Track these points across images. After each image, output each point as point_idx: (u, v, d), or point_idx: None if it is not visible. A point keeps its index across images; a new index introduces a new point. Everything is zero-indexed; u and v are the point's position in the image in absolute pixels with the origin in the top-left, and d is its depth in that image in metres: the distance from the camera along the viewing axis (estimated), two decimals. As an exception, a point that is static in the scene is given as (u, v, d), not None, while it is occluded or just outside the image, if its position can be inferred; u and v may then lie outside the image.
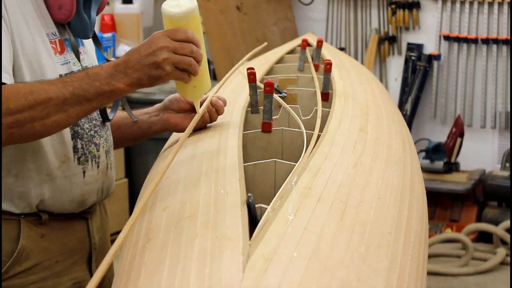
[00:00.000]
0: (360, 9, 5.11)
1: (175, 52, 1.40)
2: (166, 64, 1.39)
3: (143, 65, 1.40)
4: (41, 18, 1.58)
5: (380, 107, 1.99)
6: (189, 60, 1.41)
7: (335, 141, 1.51)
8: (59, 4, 1.59)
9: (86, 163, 1.63)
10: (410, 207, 1.36)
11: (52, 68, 1.55)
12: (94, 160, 1.64)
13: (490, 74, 4.74)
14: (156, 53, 1.39)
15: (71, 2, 1.59)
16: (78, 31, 1.64)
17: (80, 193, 1.63)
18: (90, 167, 1.64)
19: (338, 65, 2.34)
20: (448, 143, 4.54)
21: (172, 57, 1.39)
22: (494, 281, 3.72)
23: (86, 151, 1.62)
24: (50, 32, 1.59)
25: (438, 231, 4.36)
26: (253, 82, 1.73)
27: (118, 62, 1.41)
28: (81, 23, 1.63)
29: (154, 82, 1.41)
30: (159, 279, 1.02)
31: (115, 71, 1.40)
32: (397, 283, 1.05)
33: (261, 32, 4.97)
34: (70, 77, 1.41)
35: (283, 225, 1.05)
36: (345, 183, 1.29)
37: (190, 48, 1.41)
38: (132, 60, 1.41)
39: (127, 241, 1.31)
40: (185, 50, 1.40)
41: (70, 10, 1.59)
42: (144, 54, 1.40)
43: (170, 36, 1.41)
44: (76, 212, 1.66)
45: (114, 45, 4.49)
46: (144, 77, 1.40)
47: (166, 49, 1.40)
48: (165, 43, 1.40)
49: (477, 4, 4.69)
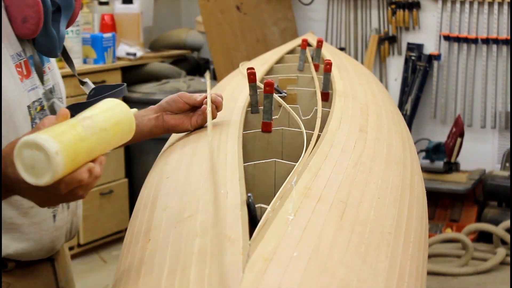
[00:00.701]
0: (360, 9, 5.11)
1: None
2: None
3: None
4: (4, 36, 1.32)
5: (380, 107, 1.99)
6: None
7: (335, 141, 1.51)
8: (23, 16, 1.32)
9: (56, 206, 1.43)
10: (410, 207, 1.36)
11: (19, 99, 1.32)
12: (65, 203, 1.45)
13: (490, 74, 4.74)
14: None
15: (38, 15, 1.33)
16: (44, 48, 1.40)
17: (50, 240, 1.44)
18: (61, 209, 1.45)
19: (338, 65, 2.34)
20: (448, 143, 4.53)
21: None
22: (494, 281, 3.72)
23: None
24: (15, 53, 1.34)
25: (438, 231, 4.36)
26: (253, 82, 1.73)
27: None
28: (48, 38, 1.39)
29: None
30: (159, 279, 1.02)
31: None
32: (397, 283, 1.05)
33: (261, 32, 4.97)
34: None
35: (283, 225, 1.05)
36: (345, 183, 1.29)
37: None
38: None
39: (127, 241, 1.31)
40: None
41: (36, 24, 1.33)
42: None
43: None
44: (43, 258, 1.48)
45: (114, 45, 4.49)
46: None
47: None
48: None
49: (477, 4, 4.69)
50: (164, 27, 5.39)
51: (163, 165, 1.55)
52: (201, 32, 5.06)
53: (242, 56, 4.59)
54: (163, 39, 5.16)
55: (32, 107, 1.36)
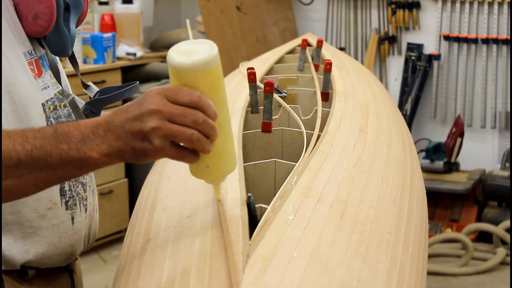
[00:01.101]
0: (360, 9, 5.11)
1: (171, 120, 1.00)
2: (154, 136, 1.00)
3: (126, 132, 1.01)
4: (15, 33, 1.29)
5: (380, 107, 1.98)
6: (191, 133, 1.01)
7: (335, 141, 1.51)
8: (35, 12, 1.28)
9: (74, 208, 1.38)
10: (410, 207, 1.36)
11: (33, 97, 1.29)
12: (82, 203, 1.40)
13: (490, 74, 4.74)
14: (144, 118, 1.00)
15: (50, 11, 1.29)
16: (55, 47, 1.36)
17: (70, 244, 1.39)
18: (79, 212, 1.39)
19: (338, 65, 2.34)
20: (448, 143, 4.53)
21: (164, 127, 1.00)
22: (494, 281, 3.72)
23: (74, 193, 1.37)
24: (26, 51, 1.31)
25: (438, 231, 4.35)
26: (253, 82, 1.73)
27: (100, 122, 1.03)
28: (59, 37, 1.35)
29: (140, 159, 1.03)
30: (159, 279, 1.02)
31: (93, 133, 1.02)
32: (397, 283, 1.05)
33: (261, 32, 4.97)
34: (33, 131, 1.05)
35: (283, 225, 1.05)
36: (345, 183, 1.29)
37: (193, 117, 1.01)
38: (116, 122, 1.02)
39: (127, 241, 1.31)
40: (186, 118, 1.01)
41: (48, 20, 1.29)
42: (130, 116, 1.02)
43: (169, 97, 1.01)
44: (63, 265, 1.43)
45: (114, 45, 4.49)
46: (127, 149, 1.02)
47: (158, 114, 1.00)
48: (158, 105, 1.00)
49: (477, 4, 4.69)
50: (164, 27, 5.39)
51: (163, 165, 1.55)
52: (201, 32, 5.06)
53: (242, 56, 4.59)
54: (163, 39, 5.16)
55: (46, 105, 1.33)
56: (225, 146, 1.08)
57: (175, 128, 1.00)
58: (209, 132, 1.02)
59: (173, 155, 1.03)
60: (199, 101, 1.01)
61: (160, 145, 1.01)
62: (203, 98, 1.01)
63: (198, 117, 1.01)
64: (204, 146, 1.03)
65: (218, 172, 1.10)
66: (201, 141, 1.02)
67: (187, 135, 1.01)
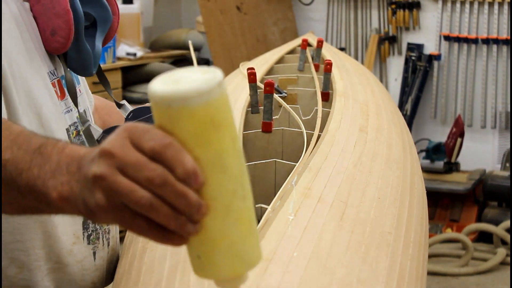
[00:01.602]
0: (360, 9, 5.11)
1: (122, 171, 0.71)
2: (97, 188, 0.72)
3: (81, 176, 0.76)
4: (40, 52, 1.19)
5: (380, 107, 1.98)
6: (140, 195, 0.69)
7: (335, 141, 1.51)
8: (52, 28, 1.18)
9: (96, 242, 1.27)
10: (410, 207, 1.36)
11: (58, 121, 1.19)
12: (104, 237, 1.30)
13: (490, 74, 4.74)
14: (94, 161, 0.73)
15: (68, 25, 1.18)
16: (77, 65, 1.25)
17: (91, 281, 1.28)
18: (101, 246, 1.29)
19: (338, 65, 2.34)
20: (448, 143, 4.54)
21: (109, 178, 0.71)
22: (494, 281, 3.72)
23: (97, 226, 1.27)
24: (49, 71, 1.20)
25: (438, 231, 4.36)
26: (253, 82, 1.73)
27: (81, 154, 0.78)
28: (81, 54, 1.24)
29: (91, 218, 0.75)
30: (159, 279, 1.02)
31: (67, 167, 0.78)
32: (397, 283, 1.05)
33: (261, 32, 4.97)
34: (28, 136, 0.83)
35: (283, 225, 1.05)
36: (345, 183, 1.29)
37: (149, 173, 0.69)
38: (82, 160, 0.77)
39: (127, 241, 1.31)
40: (139, 173, 0.70)
41: (66, 36, 1.18)
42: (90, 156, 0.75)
43: (133, 138, 0.71)
44: None
45: (115, 45, 4.50)
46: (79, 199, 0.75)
47: (108, 159, 0.71)
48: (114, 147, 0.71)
49: (477, 4, 4.69)
50: (164, 27, 5.39)
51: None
52: (201, 32, 5.06)
53: (242, 56, 4.59)
54: (163, 39, 5.17)
55: (70, 130, 1.22)
56: (227, 232, 0.72)
57: (122, 184, 0.70)
58: (175, 201, 0.70)
59: (128, 224, 0.72)
60: (163, 152, 0.69)
61: (102, 203, 0.71)
62: (172, 148, 0.69)
63: (156, 174, 0.69)
64: (168, 221, 0.71)
65: (213, 268, 0.73)
66: (159, 212, 0.70)
67: (135, 196, 0.69)
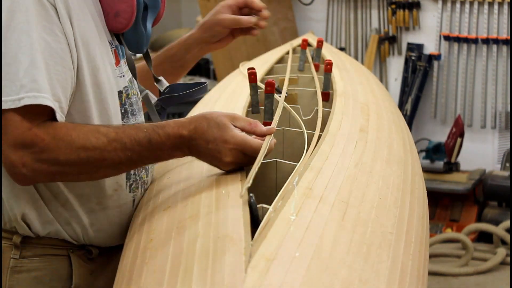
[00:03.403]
0: (360, 9, 5.11)
1: None
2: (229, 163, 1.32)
3: (206, 152, 1.30)
4: (104, 24, 1.38)
5: (380, 107, 1.98)
6: None
7: (336, 141, 1.51)
8: (116, 10, 1.36)
9: (136, 191, 1.46)
10: (411, 207, 1.36)
11: (113, 83, 1.37)
12: (143, 187, 1.48)
13: (490, 74, 4.74)
14: (222, 152, 1.29)
15: (131, 9, 1.37)
16: (132, 44, 1.45)
17: (128, 224, 1.45)
18: (139, 195, 1.48)
19: (339, 65, 2.34)
20: (448, 143, 4.53)
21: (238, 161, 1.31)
22: (494, 281, 3.72)
23: (137, 177, 1.46)
24: (109, 40, 1.39)
25: (438, 231, 4.36)
26: (254, 82, 1.73)
27: (183, 134, 1.28)
28: (136, 35, 1.43)
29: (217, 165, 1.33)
30: (161, 279, 1.02)
31: (180, 143, 1.29)
32: (398, 283, 1.05)
33: (261, 32, 4.97)
34: (131, 139, 1.26)
35: (285, 225, 1.05)
36: (346, 183, 1.29)
37: None
38: (198, 139, 1.28)
39: (128, 241, 1.31)
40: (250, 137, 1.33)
41: (128, 18, 1.38)
42: (211, 146, 1.29)
43: (232, 121, 1.32)
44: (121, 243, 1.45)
45: (114, 45, 4.50)
46: (206, 161, 1.32)
47: (233, 155, 1.30)
48: (232, 151, 1.30)
49: (477, 4, 4.69)
50: (164, 27, 5.39)
51: (164, 166, 1.55)
52: (201, 32, 5.05)
53: (242, 56, 4.59)
54: (163, 39, 5.16)
55: (122, 93, 1.41)
56: None
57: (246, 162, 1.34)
58: None
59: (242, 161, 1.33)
60: (249, 128, 1.37)
61: None
62: (252, 124, 1.38)
63: None
64: None
65: None
66: None
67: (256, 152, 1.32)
